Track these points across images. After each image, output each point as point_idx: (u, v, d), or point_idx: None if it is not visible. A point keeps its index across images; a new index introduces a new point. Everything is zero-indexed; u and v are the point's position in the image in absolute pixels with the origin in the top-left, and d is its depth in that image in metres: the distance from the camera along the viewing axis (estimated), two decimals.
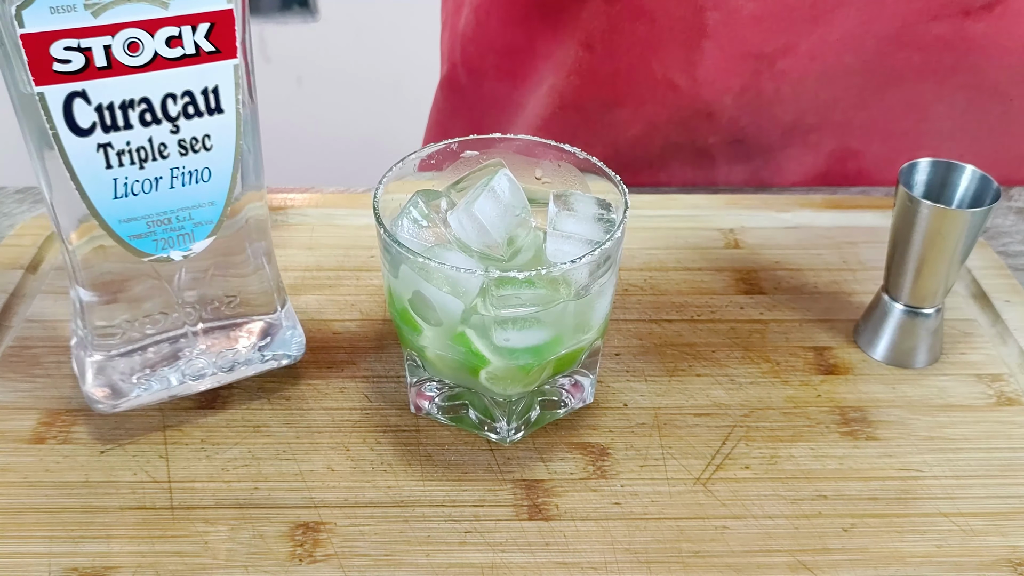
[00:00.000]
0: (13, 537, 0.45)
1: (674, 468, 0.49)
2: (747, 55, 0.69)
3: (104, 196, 0.43)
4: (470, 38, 0.77)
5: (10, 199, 0.69)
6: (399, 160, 0.50)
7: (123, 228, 0.44)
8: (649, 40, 0.69)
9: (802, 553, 0.45)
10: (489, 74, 0.78)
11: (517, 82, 0.77)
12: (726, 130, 0.74)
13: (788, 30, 0.68)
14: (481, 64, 0.78)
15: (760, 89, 0.71)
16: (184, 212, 0.45)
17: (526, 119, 0.77)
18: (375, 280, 0.60)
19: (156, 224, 0.44)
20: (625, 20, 0.69)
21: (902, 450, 0.50)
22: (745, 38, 0.68)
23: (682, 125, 0.74)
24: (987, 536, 0.46)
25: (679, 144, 0.75)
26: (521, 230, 0.48)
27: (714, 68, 0.70)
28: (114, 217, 0.43)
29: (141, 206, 0.44)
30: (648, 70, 0.71)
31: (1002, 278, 0.61)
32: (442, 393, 0.51)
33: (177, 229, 0.45)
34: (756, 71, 0.70)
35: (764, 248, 0.64)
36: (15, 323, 0.56)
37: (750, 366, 0.55)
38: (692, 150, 0.75)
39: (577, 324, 0.47)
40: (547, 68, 0.74)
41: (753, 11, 0.67)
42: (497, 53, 0.77)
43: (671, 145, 0.75)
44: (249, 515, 0.46)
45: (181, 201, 0.45)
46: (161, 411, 0.51)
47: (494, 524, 0.46)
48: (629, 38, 0.70)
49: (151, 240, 0.45)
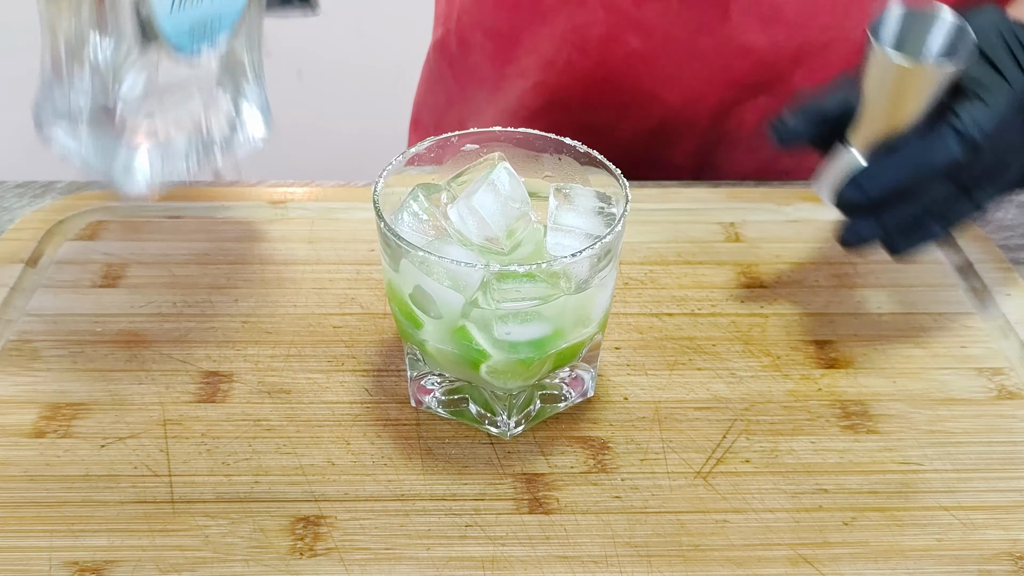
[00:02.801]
0: (14, 531, 0.45)
1: (675, 462, 0.49)
2: (733, 83, 0.71)
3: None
4: (465, 8, 0.77)
5: (10, 193, 0.69)
6: (399, 154, 0.50)
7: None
8: (643, 53, 0.70)
9: (803, 547, 0.45)
10: (475, 50, 0.78)
11: (499, 65, 0.77)
12: (699, 153, 0.76)
13: (774, 66, 0.70)
14: (470, 37, 0.78)
15: (742, 119, 0.73)
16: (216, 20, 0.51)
17: (511, 108, 0.78)
18: (375, 274, 0.60)
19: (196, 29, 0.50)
20: (623, 31, 0.70)
21: (903, 444, 0.50)
22: (732, 67, 0.70)
23: (660, 138, 0.75)
24: (988, 530, 0.46)
25: (655, 159, 0.77)
26: (521, 223, 0.48)
27: (699, 90, 0.72)
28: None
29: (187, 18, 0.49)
30: (638, 81, 0.72)
31: (1003, 272, 0.61)
32: (442, 387, 0.51)
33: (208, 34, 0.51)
34: (738, 100, 0.72)
35: (765, 241, 0.64)
36: (15, 317, 0.56)
37: (751, 360, 0.55)
38: (668, 166, 0.76)
39: (578, 318, 0.47)
40: (532, 62, 0.74)
41: (743, 43, 0.69)
42: (484, 32, 0.77)
43: (651, 157, 0.76)
44: (249, 509, 0.46)
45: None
46: (162, 405, 0.51)
47: (495, 518, 0.46)
48: (624, 48, 0.71)
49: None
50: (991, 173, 0.50)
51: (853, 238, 0.51)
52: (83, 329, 0.56)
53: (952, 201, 0.50)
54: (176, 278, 0.59)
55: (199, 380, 0.53)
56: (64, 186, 0.69)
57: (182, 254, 0.61)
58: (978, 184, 0.50)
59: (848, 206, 0.50)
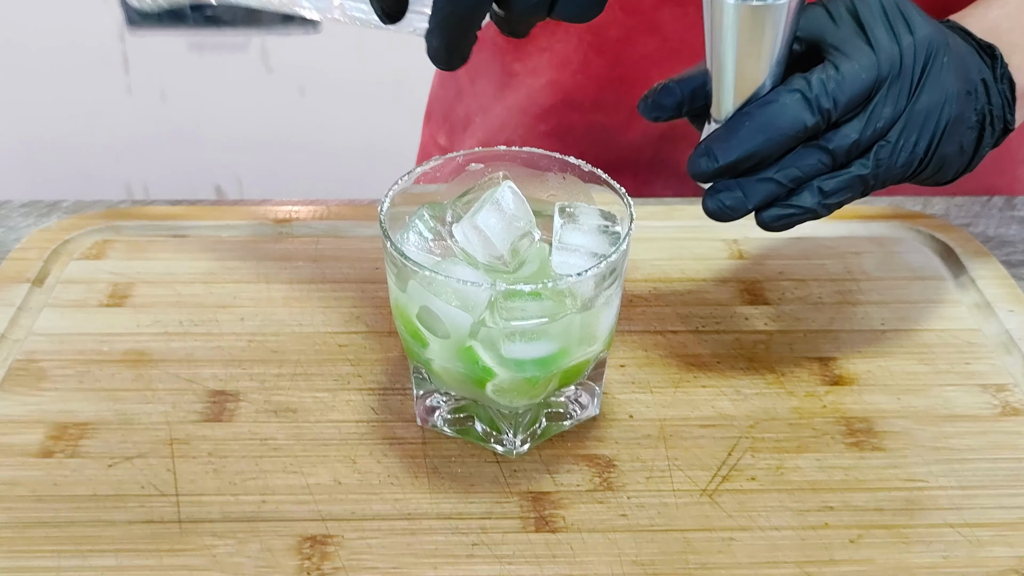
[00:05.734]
0: (22, 551, 0.45)
1: (680, 480, 0.49)
2: None
3: None
4: None
5: (16, 212, 0.69)
6: (404, 174, 0.50)
7: None
8: (658, 55, 0.71)
9: (809, 564, 0.45)
10: (487, 45, 0.78)
11: (509, 61, 0.77)
12: None
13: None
14: (483, 32, 0.79)
15: None
16: None
17: (520, 105, 0.78)
18: (380, 292, 0.60)
19: None
20: (639, 32, 0.70)
21: (908, 461, 0.50)
22: None
23: (671, 143, 0.75)
24: (994, 547, 0.46)
25: (664, 161, 0.76)
26: (524, 241, 0.48)
27: None
28: None
29: None
30: (651, 83, 0.72)
31: (1006, 288, 0.61)
32: (448, 405, 0.51)
33: None
34: None
35: (768, 258, 0.64)
36: (22, 336, 0.57)
37: (755, 377, 0.55)
38: (676, 173, 0.76)
39: (583, 336, 0.47)
40: (545, 61, 0.75)
41: None
42: (496, 29, 0.77)
43: (658, 161, 0.76)
44: (257, 528, 0.46)
45: None
46: (168, 424, 0.51)
47: (501, 536, 0.46)
48: (640, 50, 0.71)
49: None
50: (870, 148, 0.47)
51: (714, 206, 0.48)
52: (89, 348, 0.56)
53: (825, 172, 0.47)
54: (182, 297, 0.60)
55: (205, 399, 0.53)
56: (70, 205, 0.70)
57: (188, 273, 0.62)
58: (852, 157, 0.47)
59: (700, 175, 0.48)
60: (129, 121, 1.80)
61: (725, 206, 0.48)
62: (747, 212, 0.49)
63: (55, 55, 1.72)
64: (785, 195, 0.48)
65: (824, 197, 0.48)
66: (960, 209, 0.71)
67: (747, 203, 0.48)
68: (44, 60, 1.73)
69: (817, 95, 0.45)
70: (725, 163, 0.47)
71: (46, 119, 1.79)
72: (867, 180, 0.48)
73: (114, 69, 1.75)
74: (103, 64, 1.74)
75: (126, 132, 1.81)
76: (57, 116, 1.79)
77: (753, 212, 0.49)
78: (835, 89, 0.46)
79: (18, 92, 1.76)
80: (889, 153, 0.47)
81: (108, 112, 1.79)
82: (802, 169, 0.47)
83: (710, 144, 0.48)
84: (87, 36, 1.71)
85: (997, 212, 0.71)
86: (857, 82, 0.46)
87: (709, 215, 0.49)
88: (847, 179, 0.48)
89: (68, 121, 1.79)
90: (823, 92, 0.45)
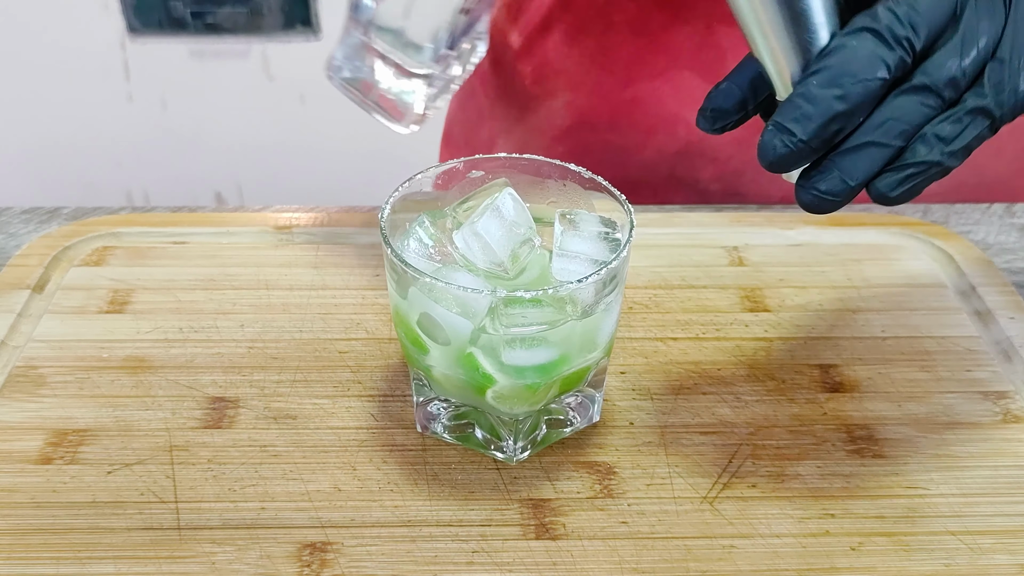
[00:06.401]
0: (20, 558, 0.45)
1: (681, 487, 0.49)
2: None
3: None
4: (497, 26, 0.78)
5: (16, 219, 0.69)
6: (404, 181, 0.50)
7: None
8: (668, 75, 0.71)
9: (810, 572, 0.45)
10: (506, 68, 0.79)
11: (528, 84, 0.77)
12: (725, 178, 0.76)
13: None
14: (502, 56, 0.79)
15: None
16: None
17: (540, 126, 0.78)
18: (381, 299, 0.60)
19: None
20: (649, 53, 0.71)
21: (909, 468, 0.50)
22: None
23: (687, 160, 0.75)
24: (995, 554, 0.46)
25: (681, 179, 0.76)
26: (525, 248, 0.48)
27: None
28: None
29: None
30: (662, 102, 0.72)
31: (1006, 295, 0.61)
32: (448, 412, 0.51)
33: None
34: (761, 129, 0.71)
35: (768, 266, 0.64)
36: (22, 343, 0.56)
37: (756, 384, 0.55)
38: (694, 189, 0.76)
39: (584, 343, 0.47)
40: (561, 83, 0.75)
41: None
42: (514, 53, 0.77)
43: (674, 178, 0.76)
44: (256, 535, 0.46)
45: None
46: (168, 431, 0.51)
47: (501, 543, 0.46)
48: (650, 70, 0.71)
49: None
50: (980, 73, 0.39)
51: (809, 198, 0.40)
52: (89, 355, 0.56)
53: (934, 116, 0.39)
54: (182, 303, 0.60)
55: (205, 406, 0.53)
56: (70, 212, 0.70)
57: (188, 279, 0.62)
58: (962, 90, 0.39)
59: (778, 160, 0.40)
60: (130, 128, 1.80)
61: (822, 193, 0.40)
62: (853, 192, 0.40)
63: (56, 62, 1.73)
64: (895, 156, 0.40)
65: (945, 144, 0.39)
66: (960, 216, 0.71)
67: (849, 180, 0.40)
68: (45, 67, 1.74)
69: (888, 24, 0.38)
70: (805, 136, 0.39)
71: (47, 126, 1.79)
72: (991, 112, 0.39)
73: (115, 76, 1.75)
74: (104, 71, 1.74)
75: (127, 139, 1.81)
76: (58, 123, 1.79)
77: (864, 190, 0.41)
78: (908, 12, 0.38)
79: (19, 99, 1.76)
80: (1007, 74, 0.39)
81: (109, 119, 1.79)
82: (904, 119, 0.39)
83: (780, 119, 0.39)
84: (88, 43, 1.71)
85: (997, 219, 0.71)
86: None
87: (807, 209, 0.41)
88: (965, 116, 0.39)
89: (69, 128, 1.80)
90: (893, 20, 0.38)
